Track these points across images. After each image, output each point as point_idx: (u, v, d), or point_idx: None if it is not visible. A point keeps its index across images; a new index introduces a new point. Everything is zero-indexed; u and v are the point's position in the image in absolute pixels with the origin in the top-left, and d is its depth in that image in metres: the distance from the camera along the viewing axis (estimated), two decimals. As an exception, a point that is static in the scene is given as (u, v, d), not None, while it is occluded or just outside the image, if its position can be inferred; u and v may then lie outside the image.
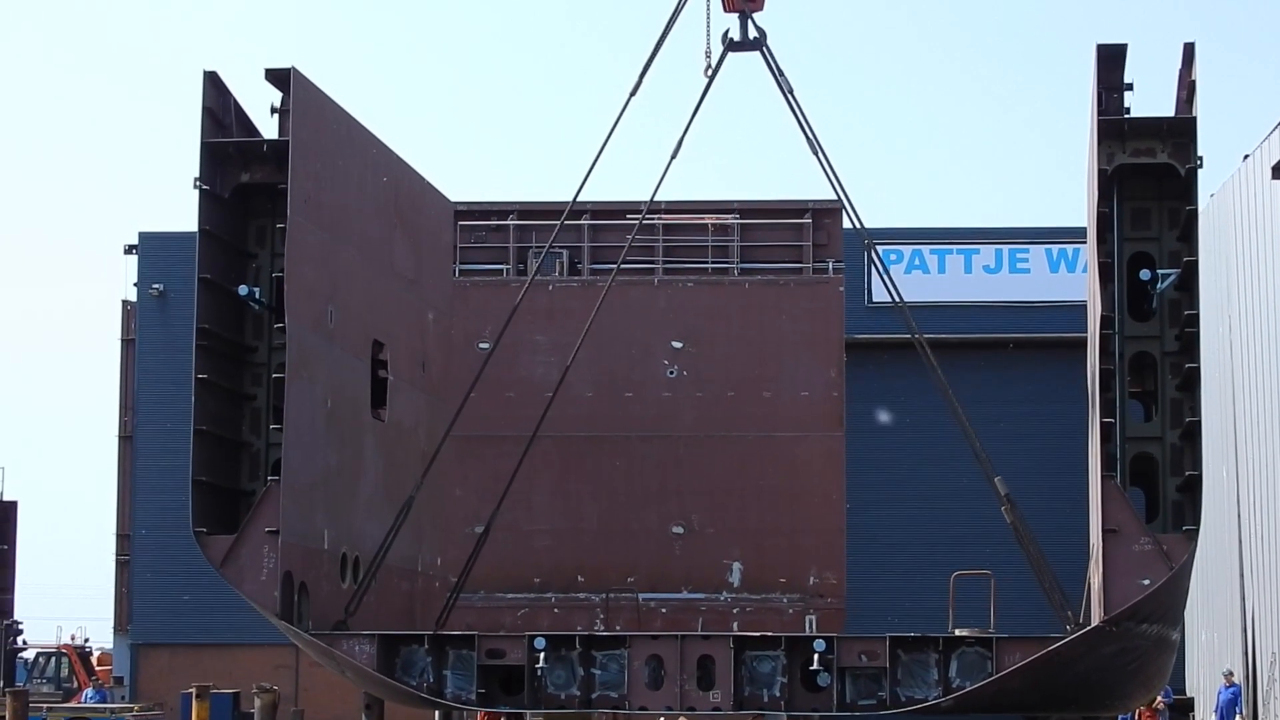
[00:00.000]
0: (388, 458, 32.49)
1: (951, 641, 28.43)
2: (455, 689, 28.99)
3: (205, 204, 28.49)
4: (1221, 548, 45.77)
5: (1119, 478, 27.45)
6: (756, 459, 41.19)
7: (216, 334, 28.81)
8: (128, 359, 60.93)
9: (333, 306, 29.99)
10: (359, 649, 28.73)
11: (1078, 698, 31.09)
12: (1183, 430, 27.82)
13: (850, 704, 28.54)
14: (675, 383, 41.40)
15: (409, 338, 33.86)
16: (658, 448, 41.31)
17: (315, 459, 29.39)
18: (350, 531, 30.63)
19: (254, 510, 28.20)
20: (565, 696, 28.87)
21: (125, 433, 60.88)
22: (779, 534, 41.05)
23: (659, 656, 28.55)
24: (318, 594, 29.20)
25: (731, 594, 41.04)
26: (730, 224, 42.58)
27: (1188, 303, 27.82)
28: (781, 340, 41.61)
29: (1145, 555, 26.90)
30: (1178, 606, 29.69)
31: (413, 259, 34.17)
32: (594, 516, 41.20)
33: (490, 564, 39.10)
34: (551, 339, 39.22)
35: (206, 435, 28.59)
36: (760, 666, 28.63)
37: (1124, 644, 28.12)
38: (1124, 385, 27.95)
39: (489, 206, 43.31)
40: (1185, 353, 27.84)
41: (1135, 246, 28.29)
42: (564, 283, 41.51)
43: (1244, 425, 44.71)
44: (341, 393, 30.45)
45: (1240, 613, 44.24)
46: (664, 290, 41.86)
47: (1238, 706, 43.13)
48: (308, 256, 28.94)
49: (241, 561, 28.03)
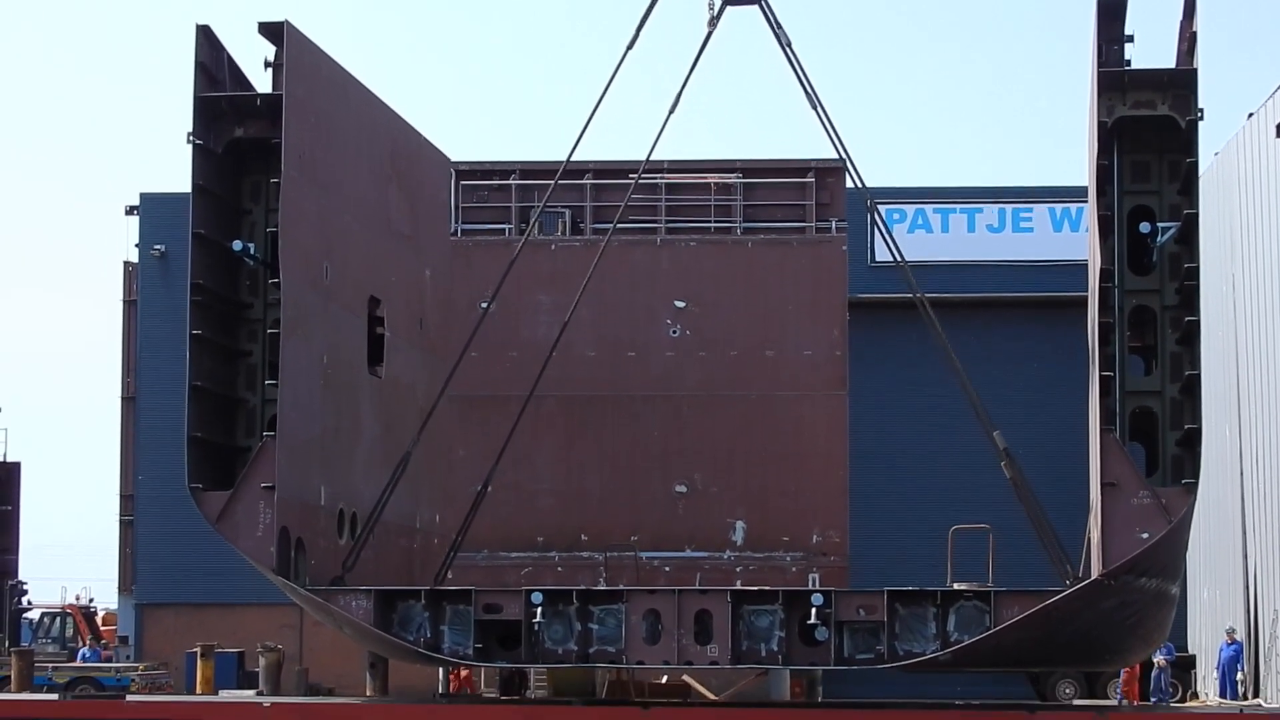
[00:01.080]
0: (385, 415, 32.41)
1: (949, 595, 28.37)
2: (453, 644, 28.93)
3: (199, 159, 28.39)
4: (1224, 506, 45.70)
5: (1118, 432, 27.37)
6: (759, 418, 41.13)
7: (211, 290, 28.71)
8: (130, 320, 60.86)
9: (328, 263, 29.89)
10: (356, 604, 28.68)
11: (1076, 652, 31.07)
12: (1182, 384, 27.73)
13: (848, 658, 28.51)
14: (678, 343, 41.32)
15: (406, 295, 33.76)
16: (661, 408, 41.24)
17: (312, 415, 29.33)
18: (347, 488, 30.57)
19: (250, 466, 28.15)
20: (563, 652, 28.84)
21: (128, 394, 60.86)
22: (782, 493, 40.99)
23: (656, 611, 28.51)
24: (315, 550, 29.16)
25: (735, 553, 41.03)
26: (733, 183, 42.49)
27: (1188, 256, 27.71)
28: (784, 300, 41.51)
29: (1144, 509, 26.84)
30: (1177, 561, 29.63)
31: (410, 216, 34.04)
32: (597, 476, 41.14)
33: (493, 524, 39.12)
34: (554, 299, 39.06)
35: (202, 391, 28.52)
36: (758, 621, 28.58)
37: (1123, 598, 28.06)
38: (1123, 339, 27.85)
39: (491, 166, 43.22)
40: (1185, 306, 27.74)
41: (1135, 200, 28.17)
42: (566, 243, 41.40)
43: (1246, 383, 44.61)
44: (338, 349, 30.37)
45: (1242, 571, 44.18)
46: (666, 250, 41.75)
47: (1239, 664, 43.09)
48: (303, 212, 28.83)
49: (237, 517, 28.00)
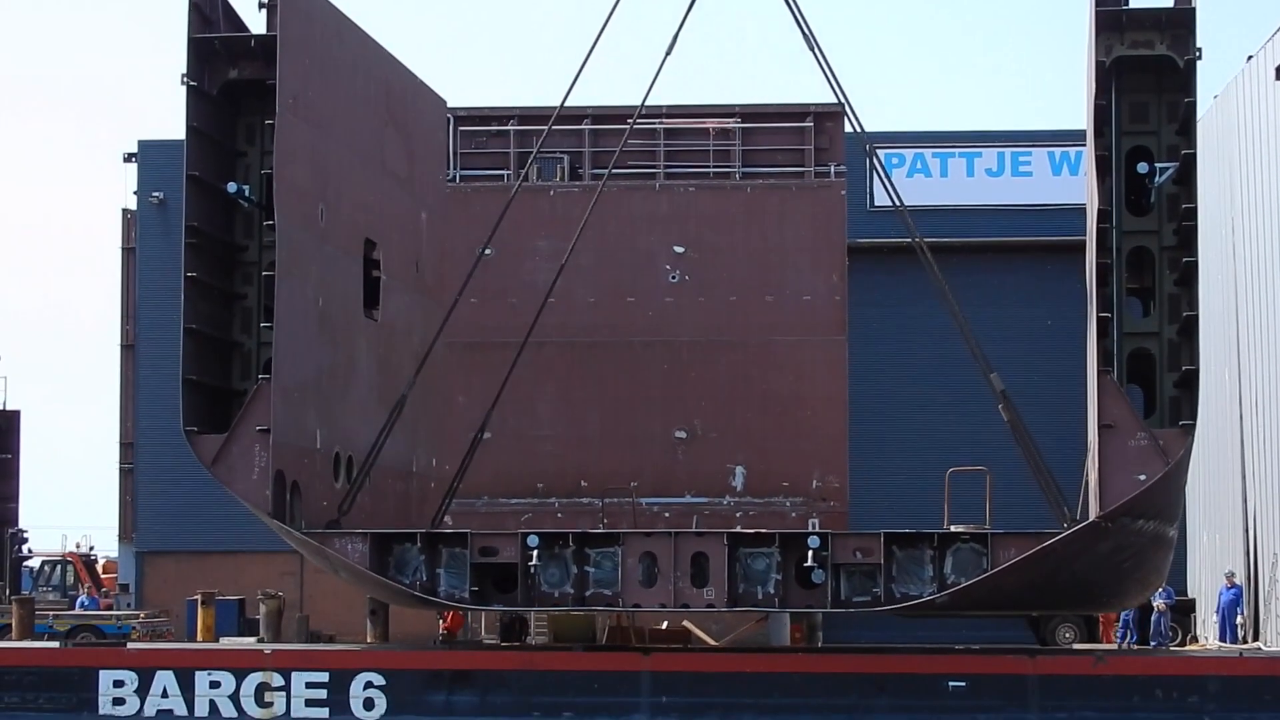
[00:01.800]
0: (381, 358, 32.35)
1: (946, 538, 28.34)
2: (449, 587, 28.94)
3: (193, 101, 28.29)
4: (1223, 450, 45.62)
5: (1116, 373, 27.33)
6: (759, 364, 41.11)
7: (206, 233, 28.65)
8: (129, 267, 60.70)
9: (323, 204, 29.79)
10: (351, 548, 28.67)
11: (1074, 595, 31.09)
12: (1180, 325, 27.68)
13: (845, 601, 28.50)
14: (677, 288, 41.26)
15: (402, 237, 33.65)
16: (660, 353, 41.22)
17: (307, 358, 29.26)
18: (343, 431, 30.52)
19: (245, 409, 28.11)
20: (559, 595, 28.84)
21: (127, 341, 60.69)
22: (781, 438, 40.98)
23: (652, 554, 28.48)
24: (310, 493, 29.12)
25: (734, 498, 41.04)
26: (732, 128, 42.35)
27: (1186, 196, 27.64)
28: (783, 245, 41.45)
29: (1142, 450, 26.80)
30: (1174, 503, 29.58)
31: (405, 158, 33.91)
32: (597, 422, 41.13)
33: (493, 470, 39.12)
34: (553, 245, 38.96)
35: (197, 335, 28.48)
36: (754, 564, 28.55)
37: (1120, 541, 28.03)
38: (1121, 280, 27.78)
39: (489, 112, 43.07)
40: (1183, 247, 27.67)
41: (1133, 140, 28.09)
42: (565, 188, 41.31)
43: (1246, 327, 44.47)
44: (333, 292, 30.28)
45: (1241, 515, 44.12)
46: (665, 195, 41.68)
47: (1239, 607, 43.12)
48: (297, 154, 28.72)
49: (233, 461, 27.97)
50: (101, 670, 30.62)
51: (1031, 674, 29.58)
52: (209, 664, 30.66)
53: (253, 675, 30.23)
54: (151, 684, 30.36)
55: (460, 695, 30.04)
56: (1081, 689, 29.49)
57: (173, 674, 30.44)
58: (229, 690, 30.21)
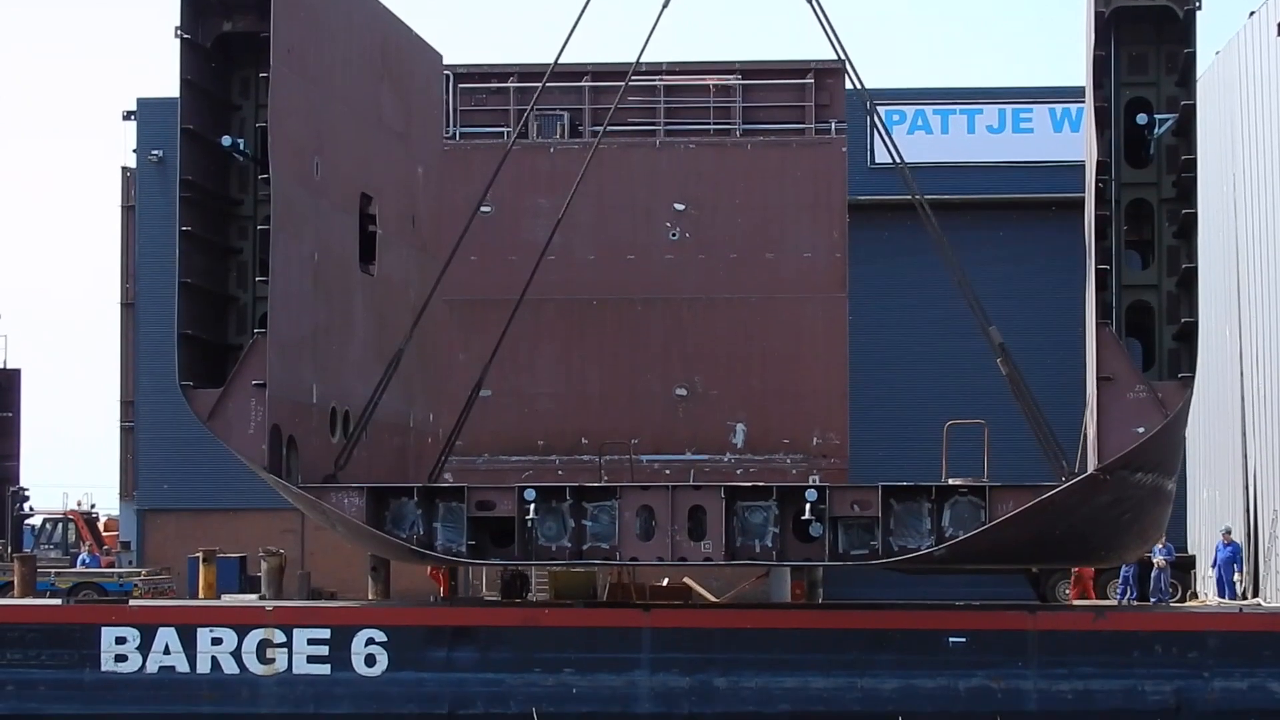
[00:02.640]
0: (377, 313, 32.28)
1: (944, 491, 28.31)
2: (446, 541, 28.93)
3: (187, 54, 28.19)
4: (1224, 406, 45.50)
5: (1114, 325, 27.24)
6: (759, 321, 41.06)
7: (201, 186, 28.59)
8: (129, 225, 60.55)
9: (319, 158, 29.68)
10: (348, 502, 28.64)
11: (1072, 549, 31.03)
12: (1179, 278, 27.59)
13: (843, 554, 28.49)
14: (678, 245, 41.19)
15: (398, 192, 33.55)
16: (660, 311, 41.17)
17: (303, 313, 29.19)
18: (339, 386, 30.47)
19: (240, 364, 28.07)
20: (556, 549, 28.83)
21: (127, 299, 60.60)
22: (782, 396, 40.95)
23: (650, 507, 28.45)
24: (307, 448, 29.07)
25: (735, 455, 41.01)
26: (732, 85, 42.22)
27: (1185, 148, 27.52)
28: (784, 202, 41.38)
29: (1140, 403, 26.74)
30: (1173, 456, 29.52)
31: (401, 112, 33.78)
32: (597, 380, 41.09)
33: (494, 428, 39.10)
34: (553, 202, 38.85)
35: (192, 289, 28.42)
36: (752, 517, 28.52)
37: (1119, 493, 27.98)
38: (1120, 233, 27.68)
39: (489, 69, 42.92)
40: (1182, 199, 27.56)
41: (1132, 92, 27.96)
42: (565, 145, 41.16)
43: (1247, 284, 44.28)
44: (329, 246, 30.20)
45: (1242, 471, 43.99)
46: (666, 152, 41.57)
47: (1236, 564, 43.08)
48: (292, 107, 28.61)
49: (229, 415, 27.93)
50: (104, 627, 30.69)
51: (1031, 629, 29.61)
52: (211, 621, 30.70)
53: (254, 632, 30.29)
54: (154, 641, 30.44)
55: (461, 651, 30.07)
56: (1081, 644, 29.54)
57: (175, 631, 30.50)
58: (231, 647, 30.27)
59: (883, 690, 29.42)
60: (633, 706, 29.60)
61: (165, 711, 30.01)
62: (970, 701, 29.25)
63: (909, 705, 28.90)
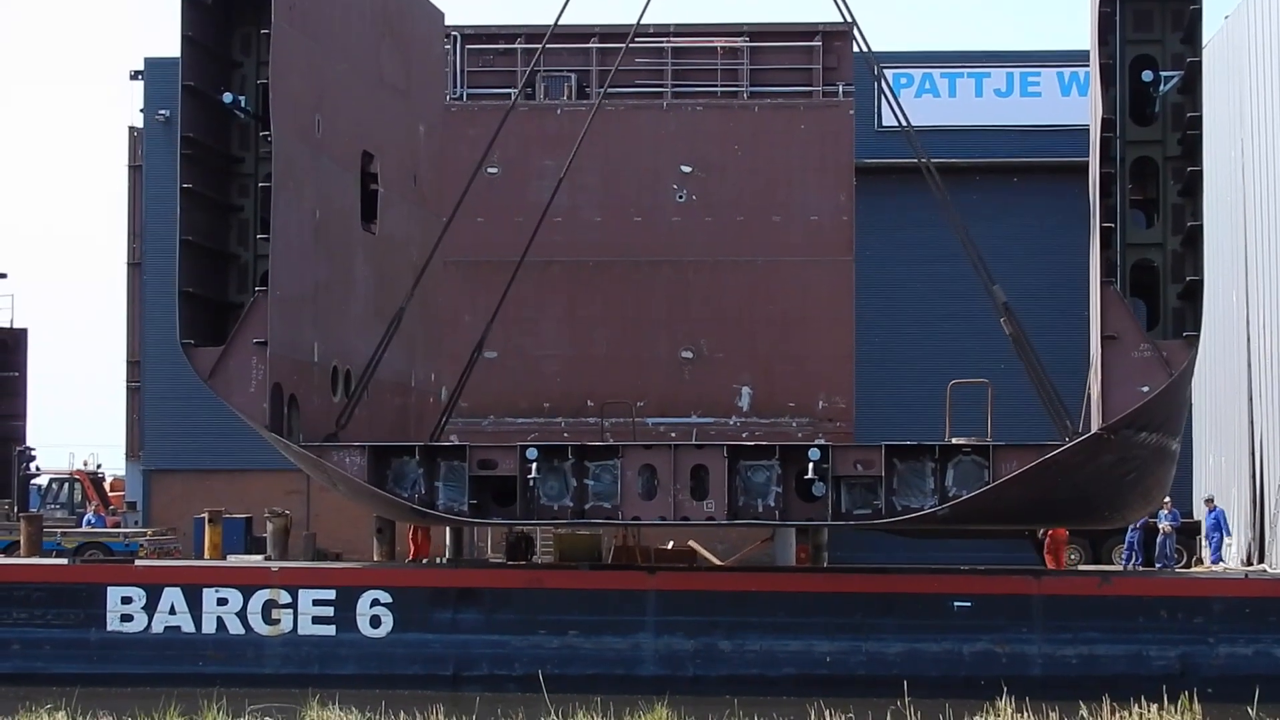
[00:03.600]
0: (379, 272, 32.16)
1: (948, 450, 28.18)
2: (447, 500, 28.84)
3: (188, 10, 28.08)
4: (1230, 372, 45.33)
5: (1119, 284, 27.07)
6: (766, 284, 40.95)
7: (202, 144, 28.47)
8: (135, 186, 60.51)
9: (320, 116, 29.56)
10: (350, 460, 28.55)
11: (1076, 509, 30.88)
12: (1184, 236, 27.40)
13: (846, 514, 28.37)
14: (684, 208, 41.06)
15: (399, 150, 33.41)
16: (667, 273, 41.06)
17: (304, 271, 29.08)
18: (341, 344, 30.37)
19: (241, 321, 27.97)
20: (558, 508, 28.72)
21: (134, 259, 60.63)
22: (788, 359, 40.87)
23: (652, 467, 28.33)
24: (308, 407, 28.98)
25: (741, 418, 40.92)
26: (739, 47, 42.07)
27: (1190, 105, 27.32)
28: (791, 165, 41.25)
29: (1145, 362, 26.61)
30: (1177, 415, 29.38)
31: (402, 70, 33.63)
32: (603, 342, 41.01)
33: (499, 389, 39.02)
34: (560, 164, 38.76)
35: (193, 246, 28.30)
36: (755, 476, 28.40)
37: (1122, 453, 27.84)
38: (1124, 191, 27.52)
39: (496, 30, 42.76)
40: (1188, 157, 27.38)
41: (1138, 49, 27.74)
42: (572, 107, 41.00)
43: (1254, 249, 44.09)
44: (330, 204, 30.08)
45: (1248, 437, 43.85)
46: (673, 114, 41.46)
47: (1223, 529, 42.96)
48: (293, 64, 28.49)
49: (230, 373, 27.84)
50: (110, 587, 30.76)
51: (1036, 594, 29.56)
52: (216, 581, 30.73)
53: (260, 592, 30.32)
54: (159, 601, 30.50)
55: (466, 613, 30.06)
56: (1086, 610, 29.49)
57: (180, 591, 30.55)
58: (236, 607, 30.30)
59: (887, 654, 29.39)
60: (637, 669, 29.57)
61: (170, 671, 30.02)
62: (975, 666, 29.19)
63: (914, 669, 28.84)
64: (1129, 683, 27.92)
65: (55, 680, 29.86)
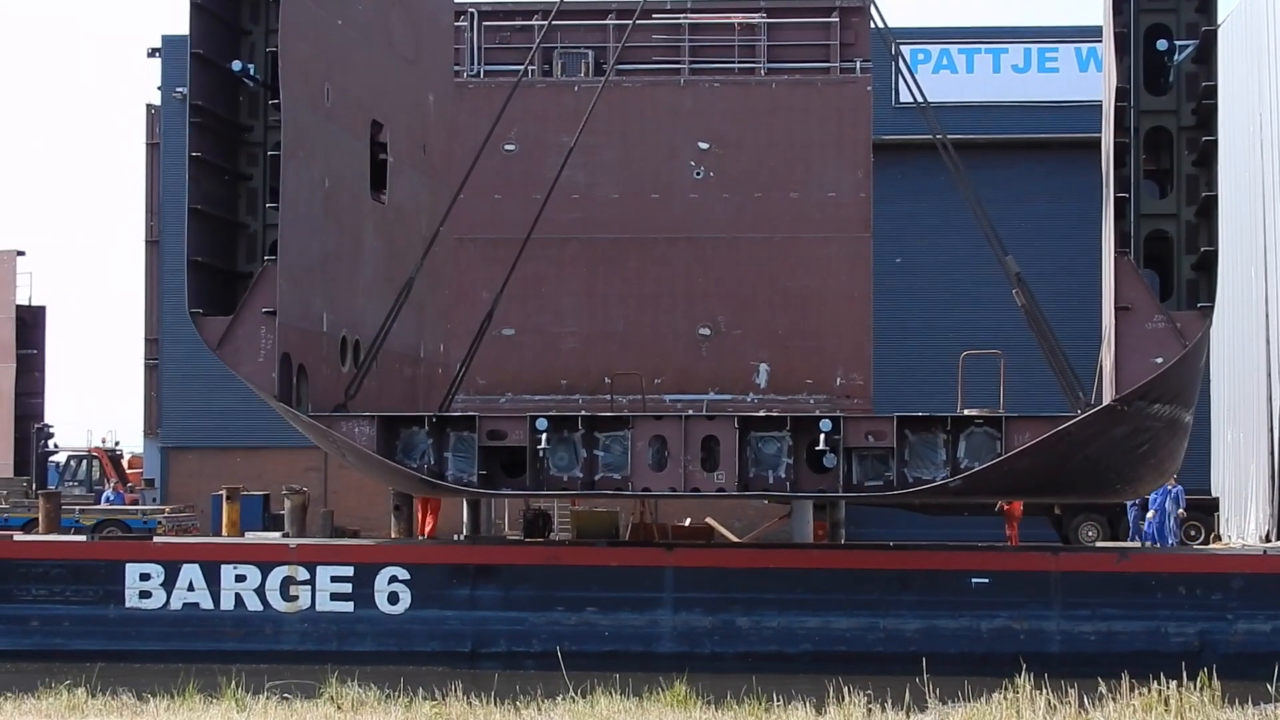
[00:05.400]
0: (388, 241, 32.02)
1: (960, 421, 27.95)
2: (457, 471, 28.67)
3: None
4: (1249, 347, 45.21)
5: (1133, 254, 26.84)
6: (783, 261, 40.86)
7: (211, 112, 28.30)
8: (153, 163, 60.72)
9: (329, 84, 29.40)
10: (359, 431, 28.40)
11: (1088, 481, 30.69)
12: (1199, 206, 27.16)
13: (857, 485, 28.17)
14: (702, 184, 40.99)
15: (409, 119, 33.25)
16: (684, 250, 40.98)
17: (313, 240, 28.94)
18: (350, 315, 30.23)
19: (250, 291, 27.82)
20: (568, 479, 28.56)
21: (152, 236, 60.81)
22: (805, 336, 40.78)
23: (662, 438, 28.13)
24: (317, 377, 28.84)
25: (758, 395, 40.83)
26: (757, 23, 41.95)
27: (1205, 75, 27.05)
28: (808, 141, 41.14)
29: (1159, 333, 26.38)
30: (1191, 387, 29.13)
31: (412, 38, 33.47)
32: (621, 319, 40.94)
33: (517, 366, 38.98)
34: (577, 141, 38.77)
35: (202, 215, 28.16)
36: (765, 448, 28.19)
37: (1136, 425, 27.64)
38: (1139, 161, 27.24)
39: (514, 6, 42.72)
40: (1202, 127, 27.11)
41: (1152, 18, 27.44)
42: (589, 84, 40.89)
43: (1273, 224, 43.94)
44: (339, 173, 29.93)
45: (1267, 412, 43.73)
46: (690, 91, 41.34)
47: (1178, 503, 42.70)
48: (303, 32, 28.33)
49: (239, 343, 27.69)
50: (128, 563, 30.59)
51: (1054, 571, 29.35)
52: (234, 557, 30.56)
53: (278, 569, 30.16)
54: (178, 577, 30.33)
55: (484, 589, 29.91)
56: (1104, 586, 29.24)
57: (199, 567, 30.38)
58: (254, 584, 30.16)
59: (905, 630, 29.20)
60: (655, 645, 29.41)
61: (189, 648, 29.91)
62: (993, 642, 28.98)
63: (931, 646, 28.66)
64: (1147, 659, 27.69)
65: (74, 657, 29.71)
